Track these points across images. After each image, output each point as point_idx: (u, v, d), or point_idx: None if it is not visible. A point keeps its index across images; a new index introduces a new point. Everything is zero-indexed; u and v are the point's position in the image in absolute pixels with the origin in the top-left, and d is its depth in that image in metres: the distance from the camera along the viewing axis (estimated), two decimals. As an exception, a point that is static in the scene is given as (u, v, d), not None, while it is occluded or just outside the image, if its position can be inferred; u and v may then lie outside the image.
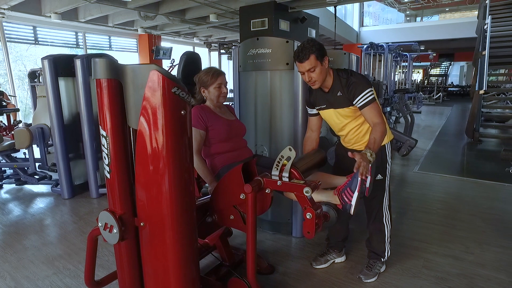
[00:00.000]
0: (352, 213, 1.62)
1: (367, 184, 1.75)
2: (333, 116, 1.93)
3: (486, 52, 6.10)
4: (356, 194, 1.58)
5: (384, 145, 1.96)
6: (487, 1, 7.28)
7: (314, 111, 2.00)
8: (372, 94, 1.79)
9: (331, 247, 2.26)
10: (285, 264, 2.22)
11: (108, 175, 1.41)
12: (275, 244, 2.49)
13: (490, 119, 7.44)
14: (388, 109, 6.48)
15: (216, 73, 1.95)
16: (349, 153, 1.60)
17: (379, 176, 1.94)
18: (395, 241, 2.52)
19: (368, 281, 2.05)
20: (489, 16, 6.58)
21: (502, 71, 8.91)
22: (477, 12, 8.75)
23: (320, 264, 2.22)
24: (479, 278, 2.06)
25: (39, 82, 5.69)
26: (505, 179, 3.79)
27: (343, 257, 2.28)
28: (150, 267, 1.48)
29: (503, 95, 9.47)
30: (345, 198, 1.62)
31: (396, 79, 11.05)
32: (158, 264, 1.45)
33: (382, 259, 2.10)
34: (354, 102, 1.81)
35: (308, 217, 1.45)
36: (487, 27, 6.33)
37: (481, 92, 6.19)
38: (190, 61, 2.57)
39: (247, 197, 1.54)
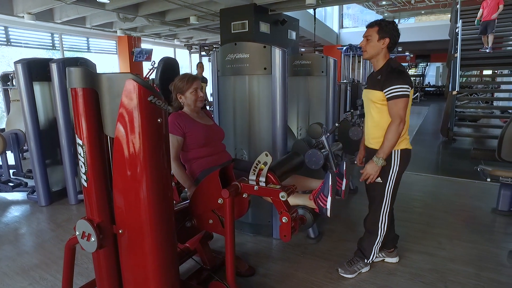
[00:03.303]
0: (329, 216, 1.68)
1: (343, 187, 1.82)
2: (366, 96, 2.01)
3: (458, 54, 6.36)
4: (329, 198, 1.64)
5: (392, 151, 1.92)
6: (458, 6, 7.58)
7: None
8: (404, 91, 1.78)
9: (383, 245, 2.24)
10: (265, 266, 2.26)
11: (85, 184, 1.41)
12: (256, 246, 2.52)
13: (463, 118, 7.75)
14: (367, 109, 6.65)
15: (191, 79, 1.99)
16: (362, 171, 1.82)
17: (378, 179, 1.96)
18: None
19: (344, 275, 2.09)
20: (460, 20, 6.86)
21: (474, 72, 9.29)
22: (449, 16, 9.09)
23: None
24: (449, 272, 2.16)
25: (12, 85, 5.51)
26: (475, 176, 3.95)
27: (395, 258, 2.27)
28: (129, 274, 1.48)
29: (475, 95, 9.89)
30: (320, 203, 1.68)
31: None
32: (137, 271, 1.46)
33: (366, 260, 2.12)
34: (384, 91, 1.83)
35: (284, 221, 1.50)
36: (458, 30, 6.60)
37: (454, 92, 6.45)
38: (168, 66, 2.57)
39: (224, 202, 1.56)
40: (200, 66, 7.14)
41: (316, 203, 1.71)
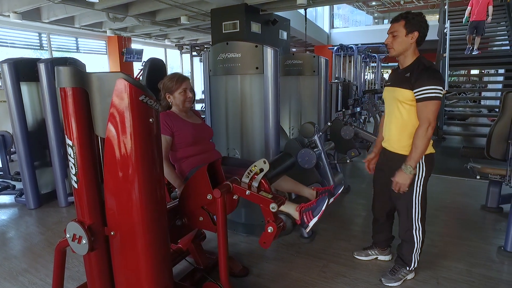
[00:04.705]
0: (306, 232, 1.71)
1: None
2: (390, 95, 1.88)
3: (447, 54, 6.46)
4: (316, 219, 1.69)
5: None
6: (446, 7, 7.70)
7: None
8: (436, 92, 1.67)
9: (375, 244, 2.28)
10: (259, 266, 2.25)
11: (75, 185, 1.38)
12: (250, 246, 2.52)
13: (452, 117, 7.87)
14: (358, 109, 6.70)
15: (181, 79, 1.98)
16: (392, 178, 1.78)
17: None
18: (366, 239, 2.62)
19: (389, 284, 2.01)
20: (448, 21, 6.96)
21: (462, 72, 9.45)
22: (438, 16, 9.23)
23: (361, 256, 2.29)
24: (441, 269, 2.19)
25: (-1, 86, 5.38)
26: (465, 174, 4.01)
27: (388, 256, 2.27)
28: (122, 277, 1.46)
29: (463, 95, 10.06)
30: (305, 218, 1.72)
31: (365, 80, 11.42)
32: (130, 273, 1.44)
33: (408, 268, 2.04)
34: (414, 91, 1.72)
35: (269, 231, 1.52)
36: (446, 31, 6.70)
37: (443, 92, 6.54)
38: (154, 67, 2.55)
39: (216, 202, 1.56)
40: None
41: (301, 217, 1.75)
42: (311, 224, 1.69)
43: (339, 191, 1.96)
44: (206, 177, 1.59)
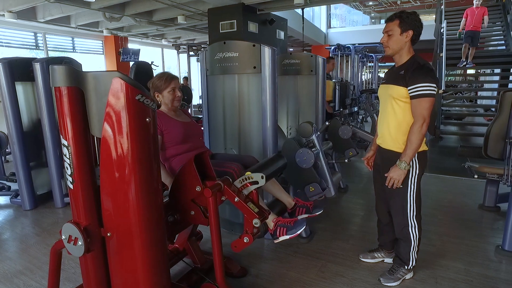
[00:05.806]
0: (275, 242, 1.83)
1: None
2: (385, 92, 1.90)
3: (443, 54, 6.47)
4: (287, 237, 1.76)
5: None
6: (442, 7, 7.72)
7: None
8: (430, 90, 1.70)
9: (381, 246, 2.26)
10: (257, 266, 2.24)
11: (71, 186, 1.37)
12: (248, 247, 2.48)
13: (449, 116, 7.90)
14: (356, 108, 6.71)
15: (169, 78, 1.98)
16: (386, 174, 1.83)
17: (398, 184, 1.86)
18: (365, 238, 2.61)
19: (388, 284, 2.01)
20: (445, 21, 6.98)
21: (458, 71, 9.48)
22: (434, 16, 9.25)
23: (367, 258, 2.27)
24: (440, 268, 2.19)
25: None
26: (462, 173, 4.03)
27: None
28: (118, 278, 1.45)
29: (460, 94, 10.10)
30: (278, 232, 1.78)
31: (363, 80, 11.43)
32: (127, 275, 1.42)
33: (406, 267, 2.03)
34: (408, 88, 1.74)
35: (245, 240, 1.60)
36: (443, 31, 6.72)
37: (440, 91, 6.55)
38: (141, 71, 2.56)
39: (208, 201, 1.56)
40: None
41: (275, 228, 1.80)
42: (281, 239, 1.78)
43: (317, 213, 2.00)
44: (194, 169, 1.58)
